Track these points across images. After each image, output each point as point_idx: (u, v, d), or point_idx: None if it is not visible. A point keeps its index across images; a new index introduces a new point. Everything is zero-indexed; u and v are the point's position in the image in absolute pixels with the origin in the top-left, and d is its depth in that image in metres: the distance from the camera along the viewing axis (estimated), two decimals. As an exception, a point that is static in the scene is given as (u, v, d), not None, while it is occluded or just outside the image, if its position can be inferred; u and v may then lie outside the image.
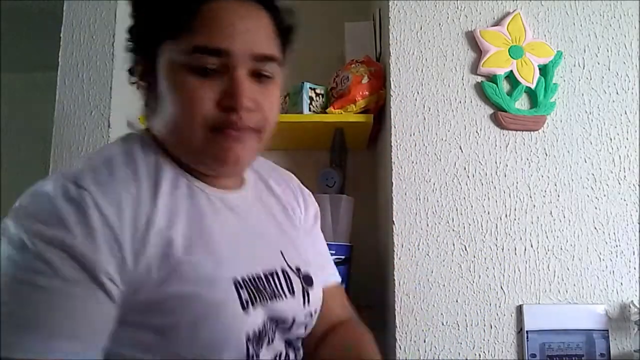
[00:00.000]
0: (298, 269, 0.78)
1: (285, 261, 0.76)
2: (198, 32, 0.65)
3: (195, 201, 0.69)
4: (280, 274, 0.74)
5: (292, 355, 0.75)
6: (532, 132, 1.32)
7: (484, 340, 1.24)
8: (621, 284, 1.27)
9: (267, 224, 0.80)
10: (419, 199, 1.29)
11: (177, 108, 0.66)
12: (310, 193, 0.93)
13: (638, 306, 1.25)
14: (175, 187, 0.68)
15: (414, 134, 1.32)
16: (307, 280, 0.78)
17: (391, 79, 1.35)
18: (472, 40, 1.36)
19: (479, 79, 1.34)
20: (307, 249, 0.84)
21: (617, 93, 1.35)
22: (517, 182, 1.30)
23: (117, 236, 0.59)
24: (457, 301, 1.26)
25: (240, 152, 0.68)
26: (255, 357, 0.66)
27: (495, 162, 1.31)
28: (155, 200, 0.64)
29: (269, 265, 0.73)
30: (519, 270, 1.27)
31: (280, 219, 0.82)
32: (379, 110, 1.45)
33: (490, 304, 1.26)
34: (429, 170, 1.31)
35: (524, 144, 1.32)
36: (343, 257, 1.36)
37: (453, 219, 1.29)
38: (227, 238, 0.69)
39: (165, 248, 0.62)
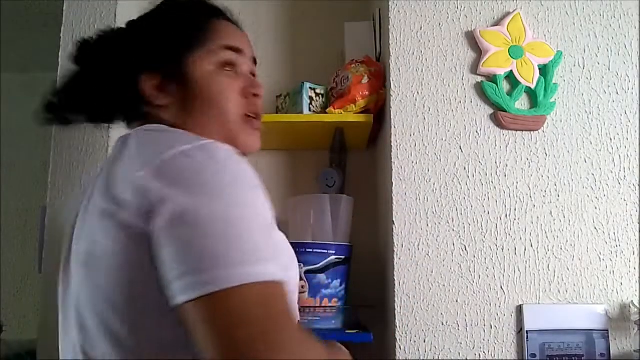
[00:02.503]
0: None
1: None
2: (222, 37, 0.82)
3: None
4: None
5: None
6: (532, 132, 1.32)
7: (484, 340, 1.24)
8: (621, 284, 1.27)
9: None
10: (419, 199, 1.29)
11: (220, 99, 0.79)
12: None
13: (638, 306, 1.25)
14: None
15: (414, 134, 1.32)
16: None
17: (391, 79, 1.35)
18: (472, 40, 1.36)
19: (479, 79, 1.34)
20: None
21: (617, 93, 1.35)
22: (517, 182, 1.30)
23: None
24: (457, 301, 1.26)
25: (259, 140, 0.83)
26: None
27: (495, 162, 1.31)
28: None
29: None
30: (519, 270, 1.27)
31: None
32: (379, 110, 1.45)
33: (490, 304, 1.26)
34: (429, 170, 1.31)
35: (524, 144, 1.32)
36: (343, 257, 1.36)
37: (453, 219, 1.29)
38: None
39: None
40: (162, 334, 0.59)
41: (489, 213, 1.29)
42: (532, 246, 1.28)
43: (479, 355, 1.24)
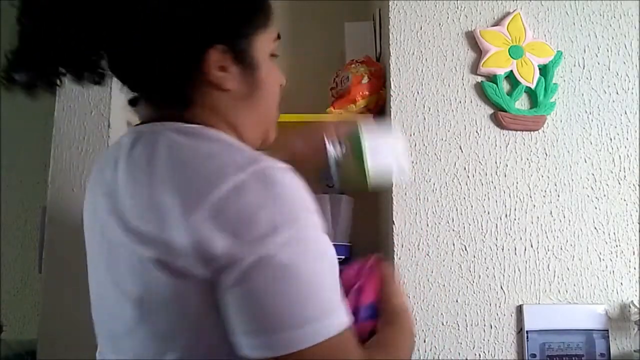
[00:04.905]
0: None
1: None
2: (275, 22, 0.71)
3: None
4: None
5: None
6: (532, 132, 1.33)
7: (484, 340, 1.24)
8: (621, 284, 1.27)
9: None
10: (419, 199, 1.29)
11: (273, 94, 0.73)
12: None
13: (638, 306, 1.25)
14: None
15: (414, 134, 1.32)
16: None
17: (391, 79, 1.35)
18: (472, 40, 1.36)
19: (479, 79, 1.34)
20: None
21: (617, 93, 1.35)
22: (517, 182, 1.30)
23: None
24: (457, 301, 1.26)
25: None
26: None
27: (495, 162, 1.31)
28: None
29: None
30: (519, 270, 1.27)
31: None
32: (379, 110, 1.45)
33: (490, 304, 1.26)
34: (429, 170, 1.31)
35: (524, 144, 1.32)
36: (343, 257, 1.36)
37: (453, 219, 1.29)
38: None
39: None
40: None
41: (489, 213, 1.29)
42: (532, 246, 1.28)
43: (479, 355, 1.24)
